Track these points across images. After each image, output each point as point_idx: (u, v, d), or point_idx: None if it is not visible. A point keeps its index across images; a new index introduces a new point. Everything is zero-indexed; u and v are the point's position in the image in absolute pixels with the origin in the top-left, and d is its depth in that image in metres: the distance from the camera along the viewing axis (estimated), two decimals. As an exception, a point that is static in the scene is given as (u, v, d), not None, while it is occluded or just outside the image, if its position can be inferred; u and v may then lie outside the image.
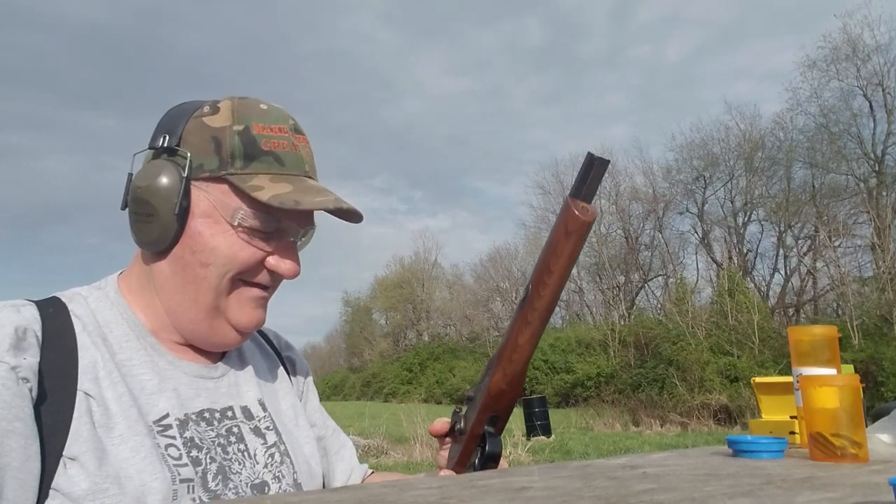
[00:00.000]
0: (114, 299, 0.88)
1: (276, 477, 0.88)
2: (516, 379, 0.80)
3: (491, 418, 0.82)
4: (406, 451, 10.59)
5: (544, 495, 0.57)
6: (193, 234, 0.84)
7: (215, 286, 0.85)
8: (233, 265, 0.85)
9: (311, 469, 0.96)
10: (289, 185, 0.84)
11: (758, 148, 26.10)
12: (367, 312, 52.99)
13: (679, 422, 16.02)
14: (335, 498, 0.59)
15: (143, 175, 0.86)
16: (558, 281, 0.75)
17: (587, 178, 0.72)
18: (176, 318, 0.87)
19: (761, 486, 0.60)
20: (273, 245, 0.87)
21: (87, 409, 0.76)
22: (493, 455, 0.82)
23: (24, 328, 0.76)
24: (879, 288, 18.70)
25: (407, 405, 18.54)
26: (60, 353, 0.78)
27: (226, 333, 0.88)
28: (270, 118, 0.88)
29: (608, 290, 30.61)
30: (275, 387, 1.00)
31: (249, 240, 0.85)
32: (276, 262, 0.87)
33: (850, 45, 22.47)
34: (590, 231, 0.73)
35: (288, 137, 0.88)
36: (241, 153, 0.84)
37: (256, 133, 0.85)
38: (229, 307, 0.87)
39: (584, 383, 23.51)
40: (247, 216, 0.84)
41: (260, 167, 0.84)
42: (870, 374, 15.01)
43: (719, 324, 20.30)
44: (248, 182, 0.83)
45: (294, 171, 0.87)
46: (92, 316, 0.84)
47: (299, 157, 0.88)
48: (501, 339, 0.81)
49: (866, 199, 21.96)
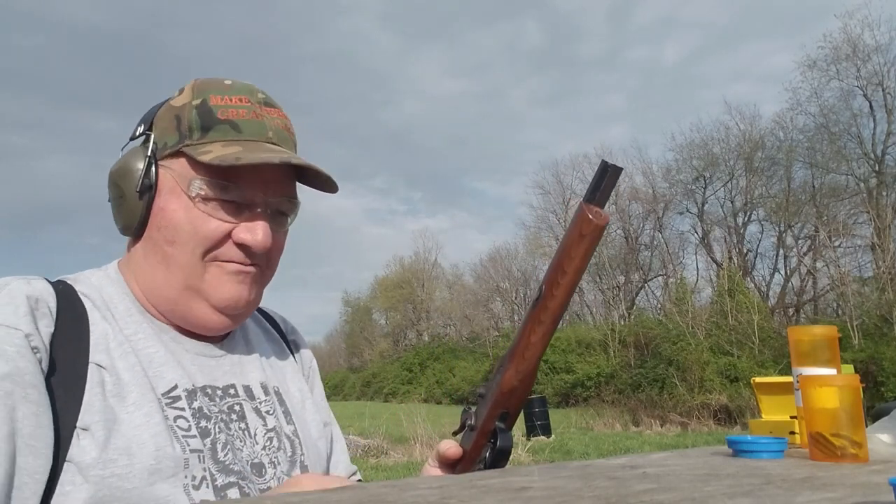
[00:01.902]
0: (114, 278, 0.89)
1: (272, 462, 0.88)
2: (528, 376, 0.81)
3: (501, 414, 0.83)
4: (406, 451, 10.59)
5: (544, 495, 0.57)
6: (158, 212, 0.85)
7: (183, 264, 0.84)
8: (197, 240, 0.83)
9: (319, 451, 0.97)
10: (239, 147, 0.83)
11: (758, 148, 26.11)
12: (367, 312, 53.02)
13: (679, 422, 16.02)
14: (335, 498, 0.59)
15: (116, 162, 0.88)
16: (571, 282, 0.76)
17: (601, 185, 0.75)
18: (154, 300, 0.87)
19: (761, 486, 0.60)
20: (240, 217, 0.85)
21: (100, 381, 0.77)
22: (503, 450, 0.83)
23: (37, 298, 0.77)
24: (879, 288, 18.69)
25: (407, 405, 18.55)
26: (72, 326, 0.79)
27: (205, 313, 0.86)
28: (231, 90, 0.87)
29: (608, 290, 30.61)
30: (283, 370, 1.00)
31: (211, 212, 0.83)
32: (243, 233, 0.84)
33: (851, 45, 22.50)
34: (602, 235, 0.76)
35: (249, 106, 0.86)
36: (197, 125, 0.84)
37: (213, 104, 0.85)
38: (205, 285, 0.85)
39: (584, 383, 23.51)
40: (202, 185, 0.83)
41: (216, 135, 0.84)
42: (870, 374, 15.01)
43: (719, 324, 20.29)
44: (199, 150, 0.83)
45: (253, 136, 0.85)
46: (98, 292, 0.85)
47: (261, 125, 0.86)
48: (514, 337, 0.82)
49: (866, 199, 21.97)
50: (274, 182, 0.87)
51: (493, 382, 0.83)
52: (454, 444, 0.89)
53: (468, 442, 0.87)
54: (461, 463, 0.88)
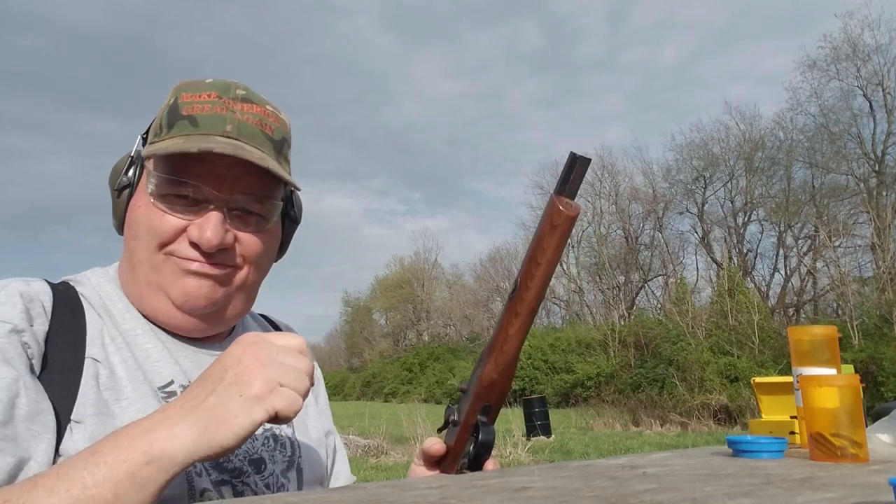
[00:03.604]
0: (112, 276, 0.91)
1: (272, 458, 0.89)
2: (507, 369, 0.81)
3: (483, 408, 0.83)
4: (406, 451, 10.58)
5: (544, 495, 0.57)
6: (129, 209, 0.87)
7: (144, 259, 0.84)
8: (151, 235, 0.83)
9: (318, 458, 0.97)
10: (181, 140, 0.82)
11: (758, 148, 26.11)
12: (367, 312, 52.99)
13: (679, 422, 16.01)
14: (335, 498, 0.59)
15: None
16: (545, 273, 0.77)
17: (570, 176, 0.76)
18: (130, 297, 0.88)
19: (761, 486, 0.60)
20: (196, 215, 0.83)
21: (94, 374, 0.78)
22: (485, 444, 0.83)
23: (32, 298, 0.78)
24: (879, 288, 18.69)
25: (407, 405, 18.54)
26: (69, 324, 0.80)
27: (169, 309, 0.85)
28: (204, 87, 0.87)
29: (608, 290, 30.61)
30: None
31: (167, 209, 0.83)
32: (192, 230, 0.83)
33: (851, 45, 22.50)
34: (573, 225, 0.77)
35: (215, 101, 0.85)
36: (165, 123, 0.85)
37: (181, 101, 0.86)
38: (162, 281, 0.84)
39: (584, 383, 23.50)
40: (155, 182, 0.83)
41: (175, 132, 0.84)
42: (870, 374, 15.01)
43: (719, 324, 20.28)
44: (153, 147, 0.83)
45: (208, 130, 0.83)
46: (95, 291, 0.87)
47: (221, 118, 0.84)
48: (492, 332, 0.82)
49: (866, 199, 21.96)
50: (230, 178, 0.84)
51: (473, 377, 0.84)
52: (438, 441, 0.90)
53: (452, 438, 0.87)
54: (446, 459, 0.88)
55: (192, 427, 0.63)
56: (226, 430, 0.63)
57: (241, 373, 0.66)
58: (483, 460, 0.85)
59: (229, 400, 0.64)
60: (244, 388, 0.65)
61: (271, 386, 0.65)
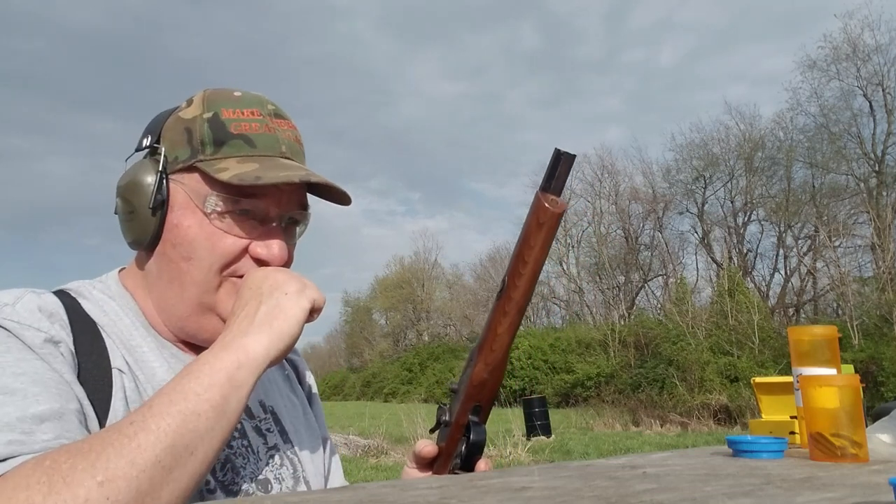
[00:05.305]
0: (115, 292, 0.88)
1: (277, 478, 0.88)
2: (497, 368, 0.81)
3: (474, 408, 0.83)
4: (406, 451, 10.58)
5: (544, 495, 0.57)
6: (172, 228, 0.83)
7: (199, 281, 0.83)
8: (214, 257, 0.82)
9: (318, 468, 0.96)
10: (255, 164, 0.82)
11: (758, 148, 26.11)
12: (367, 312, 53.00)
13: (679, 422, 16.01)
14: (335, 498, 0.59)
15: (123, 176, 0.87)
16: (532, 271, 0.77)
17: (555, 173, 0.75)
18: (166, 316, 0.86)
19: (761, 486, 0.60)
20: (256, 233, 0.84)
21: (122, 386, 0.78)
22: (477, 443, 0.83)
23: (51, 312, 0.77)
24: (879, 288, 18.69)
25: (407, 405, 18.55)
26: (87, 336, 0.79)
27: (215, 327, 0.85)
28: (242, 103, 0.86)
29: (608, 290, 30.61)
30: (280, 387, 1.00)
31: (228, 229, 0.82)
32: (260, 248, 0.83)
33: (851, 45, 22.52)
34: (560, 222, 0.76)
35: (261, 120, 0.85)
36: (210, 139, 0.83)
37: (226, 118, 0.84)
38: (219, 302, 0.84)
39: (584, 383, 23.50)
40: (218, 202, 0.82)
41: (230, 151, 0.83)
42: (870, 374, 15.01)
43: (719, 324, 20.28)
44: (215, 166, 0.82)
45: (267, 151, 0.84)
46: (99, 307, 0.85)
47: (274, 139, 0.85)
48: (482, 331, 0.82)
49: (866, 199, 21.97)
50: (288, 193, 0.86)
51: (464, 377, 0.84)
52: (430, 442, 0.90)
53: (443, 438, 0.87)
54: (438, 460, 0.88)
55: (260, 331, 0.74)
56: (287, 321, 0.75)
57: (273, 283, 0.78)
58: (475, 460, 0.85)
59: (278, 302, 0.76)
60: (283, 289, 0.77)
61: (302, 283, 0.79)
